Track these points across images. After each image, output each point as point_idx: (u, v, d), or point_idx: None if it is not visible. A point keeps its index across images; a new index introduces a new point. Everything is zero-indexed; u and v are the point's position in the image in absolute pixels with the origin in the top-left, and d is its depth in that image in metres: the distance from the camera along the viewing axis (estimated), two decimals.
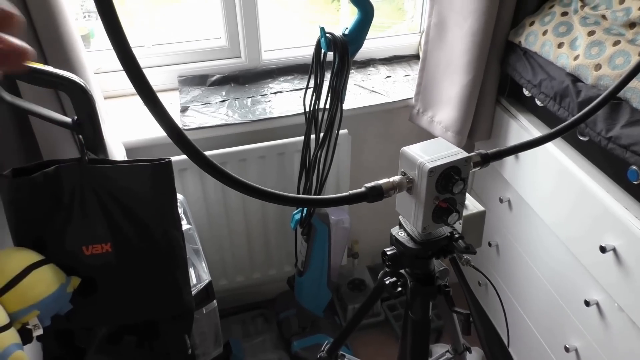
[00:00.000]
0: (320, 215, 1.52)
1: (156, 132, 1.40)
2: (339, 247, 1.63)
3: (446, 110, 1.52)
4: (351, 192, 0.67)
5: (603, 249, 1.12)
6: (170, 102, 1.56)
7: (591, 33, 1.15)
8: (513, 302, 1.62)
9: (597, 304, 1.22)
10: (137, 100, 1.56)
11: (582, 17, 1.19)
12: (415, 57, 1.83)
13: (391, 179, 0.70)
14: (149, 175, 1.04)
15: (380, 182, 0.69)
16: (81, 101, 1.01)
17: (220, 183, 0.56)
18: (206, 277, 1.30)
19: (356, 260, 1.97)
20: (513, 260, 1.58)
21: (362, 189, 0.68)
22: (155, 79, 1.61)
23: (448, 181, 0.68)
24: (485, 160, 0.74)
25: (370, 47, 1.78)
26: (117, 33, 0.44)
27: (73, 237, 1.03)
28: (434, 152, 0.70)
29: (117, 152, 1.32)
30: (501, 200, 1.56)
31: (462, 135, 1.51)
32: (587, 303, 1.23)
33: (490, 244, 1.67)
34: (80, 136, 1.04)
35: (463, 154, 0.70)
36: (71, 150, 1.25)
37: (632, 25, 1.08)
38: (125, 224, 1.04)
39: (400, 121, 1.68)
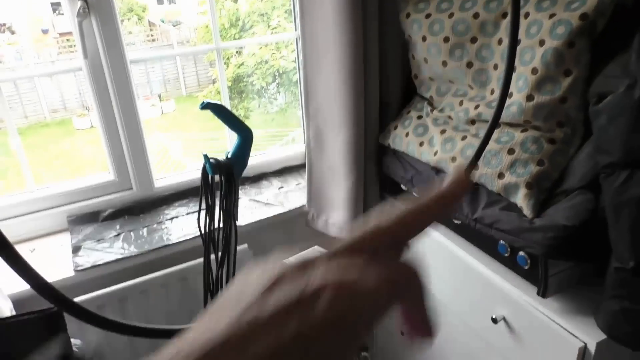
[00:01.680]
0: None
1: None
2: None
3: (338, 211, 1.62)
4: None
5: (495, 320, 1.21)
6: (61, 244, 1.52)
7: (443, 131, 1.32)
8: None
9: None
10: (23, 248, 1.50)
11: (433, 118, 1.38)
12: (304, 165, 1.95)
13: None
14: (38, 328, 0.99)
15: None
16: None
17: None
18: None
19: None
20: (427, 347, 1.63)
21: None
22: (42, 222, 1.57)
23: None
24: None
25: (260, 162, 1.88)
26: None
27: None
28: None
29: (3, 307, 1.25)
30: None
31: None
32: None
33: (402, 333, 1.71)
34: None
35: None
36: None
37: (472, 121, 1.27)
38: None
39: (299, 227, 1.75)
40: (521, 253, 1.16)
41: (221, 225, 1.37)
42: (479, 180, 1.20)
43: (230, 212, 1.34)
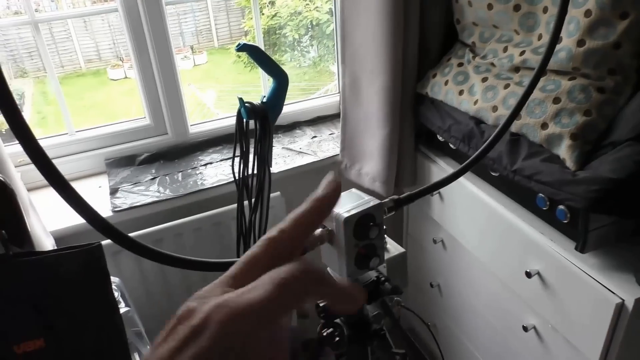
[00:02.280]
0: None
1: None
2: None
3: (371, 162, 1.60)
4: None
5: (529, 274, 1.19)
6: (100, 186, 1.55)
7: (484, 79, 1.27)
8: (461, 338, 1.66)
9: (534, 328, 1.27)
10: None
11: (475, 66, 1.32)
12: (338, 115, 1.92)
13: (313, 233, 0.74)
14: (79, 262, 1.02)
15: None
16: (1, 197, 1.00)
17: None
18: None
19: (307, 321, 1.96)
20: (455, 298, 1.63)
21: None
22: (81, 164, 1.60)
23: (364, 228, 0.72)
24: (398, 204, 0.79)
25: (294, 110, 1.87)
26: (19, 126, 0.46)
27: (2, 336, 0.98)
28: (347, 203, 0.74)
29: (46, 243, 1.29)
30: (435, 241, 1.63)
31: (388, 184, 1.58)
32: (525, 328, 1.28)
33: (432, 285, 1.72)
34: (3, 231, 1.02)
35: (375, 202, 0.75)
36: None
37: (516, 69, 1.21)
38: (58, 315, 1.01)
39: None
40: (561, 207, 1.13)
41: (255, 171, 1.38)
42: (520, 130, 1.16)
43: (264, 157, 1.34)
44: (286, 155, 1.68)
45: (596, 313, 1.05)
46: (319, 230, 0.75)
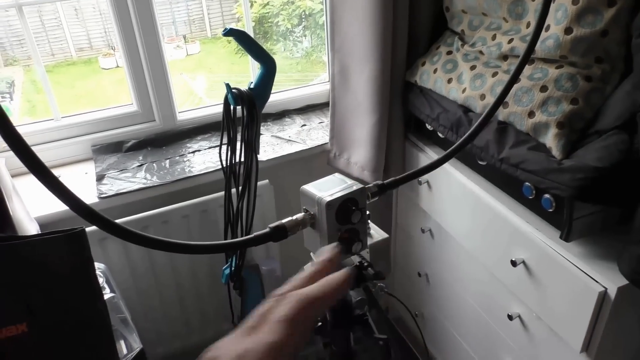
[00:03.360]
0: (251, 267, 1.52)
1: None
2: None
3: (360, 150, 1.59)
4: (256, 233, 0.69)
5: (514, 263, 1.20)
6: (86, 172, 1.54)
7: (473, 67, 1.26)
8: (448, 327, 1.66)
9: (519, 317, 1.28)
10: None
11: (463, 54, 1.32)
12: (328, 104, 1.91)
13: (294, 217, 0.73)
14: (62, 247, 1.01)
15: (284, 220, 0.72)
16: None
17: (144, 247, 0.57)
18: (137, 346, 1.26)
19: None
20: (442, 287, 1.64)
21: (267, 230, 0.70)
22: (68, 150, 1.59)
23: (346, 212, 0.72)
24: (382, 189, 0.79)
25: (284, 98, 1.86)
26: None
27: None
28: (330, 187, 0.74)
29: (29, 228, 1.28)
30: (423, 231, 1.63)
31: (377, 172, 1.58)
32: (510, 317, 1.29)
33: (419, 274, 1.73)
34: None
35: (358, 186, 0.74)
36: None
37: (505, 57, 1.21)
38: (40, 300, 1.00)
39: (320, 166, 1.74)
40: (546, 195, 1.13)
41: (242, 158, 1.37)
42: (508, 118, 1.16)
43: (251, 144, 1.33)
44: (275, 144, 1.67)
45: (579, 301, 1.06)
46: (300, 215, 0.74)
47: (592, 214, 1.10)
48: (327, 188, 0.73)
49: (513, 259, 1.20)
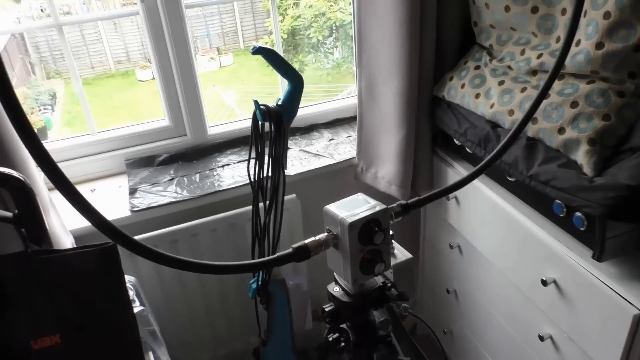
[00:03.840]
0: (277, 281, 1.53)
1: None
2: (301, 312, 1.62)
3: (387, 165, 1.59)
4: (279, 253, 0.70)
5: (544, 282, 1.17)
6: (120, 186, 1.58)
7: (501, 83, 1.25)
8: (477, 345, 1.63)
9: (551, 337, 1.25)
10: (84, 188, 1.58)
11: (492, 69, 1.30)
12: (355, 118, 1.92)
13: (317, 237, 0.74)
14: (95, 261, 1.04)
15: (307, 241, 0.73)
16: (20, 195, 1.02)
17: None
18: (165, 359, 1.28)
19: (323, 323, 1.95)
20: (471, 304, 1.61)
21: (289, 250, 0.71)
22: (103, 164, 1.63)
23: (369, 233, 0.72)
24: (406, 209, 0.79)
25: (312, 112, 1.87)
26: (25, 133, 0.47)
27: (20, 332, 1.01)
28: (353, 207, 0.74)
29: (65, 241, 1.32)
30: (451, 246, 1.61)
31: (405, 187, 1.57)
32: (541, 338, 1.25)
33: (448, 291, 1.70)
34: (23, 229, 1.04)
35: (381, 207, 0.74)
36: (16, 244, 1.25)
37: (534, 72, 1.19)
38: (73, 312, 1.03)
39: (347, 180, 1.74)
40: (578, 213, 1.10)
41: (270, 173, 1.38)
42: (537, 135, 1.14)
43: (279, 159, 1.34)
44: (303, 158, 1.68)
45: (613, 324, 1.03)
46: (323, 235, 0.75)
47: (626, 233, 1.07)
48: (350, 208, 0.74)
49: (544, 279, 1.17)
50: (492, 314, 1.50)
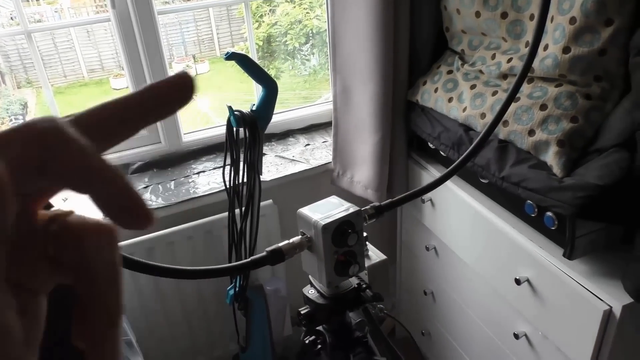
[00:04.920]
0: (255, 287, 1.52)
1: None
2: (279, 317, 1.62)
3: (363, 169, 1.60)
4: (253, 257, 0.70)
5: (518, 282, 1.19)
6: None
7: (473, 86, 1.27)
8: (455, 346, 1.65)
9: (526, 335, 1.27)
10: (57, 197, 1.55)
11: (464, 73, 1.33)
12: (331, 123, 1.93)
13: (291, 240, 0.74)
14: None
15: (281, 244, 0.73)
16: None
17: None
18: None
19: (302, 328, 1.95)
20: (448, 305, 1.63)
21: (264, 253, 0.71)
22: None
23: (342, 235, 0.73)
24: (379, 211, 0.79)
25: (288, 118, 1.87)
26: None
27: None
28: (327, 210, 0.74)
29: None
30: (427, 249, 1.62)
31: (380, 191, 1.58)
32: (516, 336, 1.27)
33: (425, 292, 1.72)
34: None
35: (354, 208, 0.75)
36: None
37: (504, 76, 1.22)
38: (45, 322, 1.01)
39: (323, 185, 1.75)
40: (549, 213, 1.12)
41: (245, 179, 1.38)
42: (508, 137, 1.16)
43: (254, 165, 1.34)
44: (279, 164, 1.68)
45: (584, 320, 1.05)
46: (297, 238, 0.75)
47: (595, 231, 1.09)
48: (324, 211, 0.74)
49: (517, 277, 1.19)
50: (468, 314, 1.52)
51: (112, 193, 0.21)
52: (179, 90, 0.24)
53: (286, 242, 0.73)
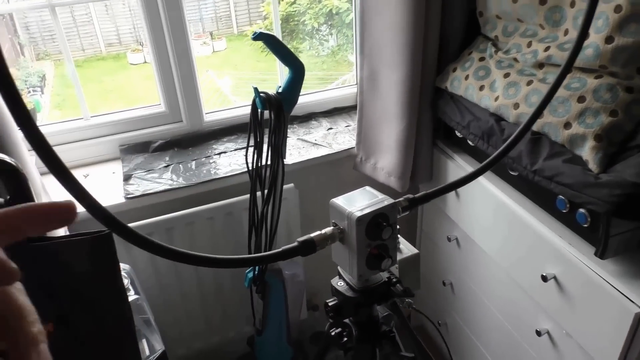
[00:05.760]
0: (274, 271, 1.51)
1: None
2: (296, 302, 1.61)
3: (387, 156, 1.57)
4: (284, 247, 0.68)
5: (544, 278, 1.16)
6: (113, 172, 1.55)
7: (507, 75, 1.23)
8: (472, 338, 1.63)
9: (548, 333, 1.24)
10: (77, 174, 1.54)
11: (497, 61, 1.28)
12: (355, 107, 1.89)
13: (323, 231, 0.72)
14: (89, 249, 1.02)
15: (313, 235, 0.70)
16: (12, 180, 0.99)
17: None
18: (159, 347, 1.26)
19: (317, 313, 1.95)
20: (467, 297, 1.60)
21: (295, 244, 0.69)
22: (96, 149, 1.60)
23: (377, 228, 0.70)
24: (413, 204, 0.77)
25: (311, 101, 1.84)
26: (21, 114, 0.44)
27: None
28: (361, 201, 0.72)
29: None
30: (449, 239, 1.60)
31: (404, 179, 1.55)
32: (538, 333, 1.25)
33: (444, 283, 1.70)
34: None
35: (389, 201, 0.72)
36: None
37: (540, 65, 1.17)
38: (66, 301, 1.01)
39: (346, 170, 1.72)
40: (581, 210, 1.09)
41: (269, 162, 1.36)
42: (542, 129, 1.12)
43: (278, 148, 1.32)
44: (301, 147, 1.66)
45: (614, 321, 1.02)
46: (329, 229, 0.73)
47: (630, 231, 1.06)
48: (358, 202, 0.72)
49: (544, 274, 1.16)
50: (488, 308, 1.50)
51: None
52: (60, 221, 0.31)
53: (318, 232, 0.71)
